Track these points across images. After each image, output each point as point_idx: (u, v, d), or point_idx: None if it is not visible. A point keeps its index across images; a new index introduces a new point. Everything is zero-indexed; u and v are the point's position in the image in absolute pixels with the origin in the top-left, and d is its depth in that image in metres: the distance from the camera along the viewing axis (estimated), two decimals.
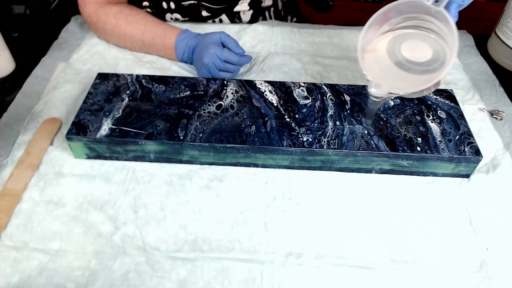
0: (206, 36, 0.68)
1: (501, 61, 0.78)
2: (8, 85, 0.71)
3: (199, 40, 0.69)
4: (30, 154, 0.57)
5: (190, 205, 0.53)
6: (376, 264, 0.48)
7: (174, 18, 0.82)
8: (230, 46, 0.67)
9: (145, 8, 0.81)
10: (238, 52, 0.67)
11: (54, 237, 0.49)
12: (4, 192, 0.53)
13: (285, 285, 0.47)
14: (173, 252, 0.49)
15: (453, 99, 0.62)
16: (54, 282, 0.46)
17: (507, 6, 0.74)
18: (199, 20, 0.83)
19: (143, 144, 0.55)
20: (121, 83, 0.62)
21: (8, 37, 0.72)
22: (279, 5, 0.91)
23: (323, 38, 0.80)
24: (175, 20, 0.82)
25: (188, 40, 0.70)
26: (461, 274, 0.48)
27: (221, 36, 0.67)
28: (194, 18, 0.83)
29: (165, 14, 0.81)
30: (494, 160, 0.59)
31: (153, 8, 0.81)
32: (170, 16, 0.82)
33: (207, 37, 0.67)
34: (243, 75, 0.72)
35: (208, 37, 0.67)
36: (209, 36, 0.67)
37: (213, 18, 0.83)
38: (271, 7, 0.89)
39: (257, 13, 0.86)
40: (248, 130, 0.56)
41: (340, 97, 0.61)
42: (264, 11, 0.88)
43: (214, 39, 0.67)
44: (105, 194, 0.54)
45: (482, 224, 0.52)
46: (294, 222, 0.52)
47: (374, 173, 0.57)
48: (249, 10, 0.84)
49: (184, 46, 0.70)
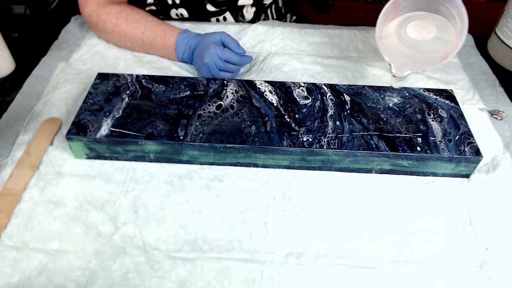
0: (207, 36, 0.68)
1: (501, 61, 0.78)
2: (8, 85, 0.71)
3: (199, 40, 0.69)
4: (30, 154, 0.57)
5: (190, 205, 0.53)
6: (376, 264, 0.48)
7: (180, 13, 0.82)
8: (231, 46, 0.66)
9: (150, 5, 0.81)
10: (239, 52, 0.67)
11: (54, 237, 0.49)
12: (4, 192, 0.53)
13: (285, 285, 0.47)
14: (173, 252, 0.49)
15: (453, 99, 0.62)
16: (54, 282, 0.46)
17: (507, 6, 0.74)
18: (204, 15, 0.83)
19: (143, 144, 0.55)
20: (121, 83, 0.62)
21: (8, 37, 0.72)
22: (279, 2, 0.92)
23: (323, 38, 0.80)
24: (180, 15, 0.82)
25: (188, 40, 0.70)
26: (461, 274, 0.48)
27: (222, 36, 0.67)
28: (198, 14, 0.83)
29: (170, 10, 0.81)
30: (494, 160, 0.59)
31: (157, 4, 0.80)
32: (175, 11, 0.81)
33: (208, 37, 0.67)
34: (243, 75, 0.72)
35: (208, 37, 0.67)
36: (210, 36, 0.67)
37: (217, 14, 0.83)
38: (272, 3, 0.89)
39: (260, 10, 0.86)
40: (248, 130, 0.56)
41: (340, 97, 0.61)
42: (266, 9, 0.88)
43: (214, 39, 0.67)
44: (105, 194, 0.54)
45: (482, 224, 0.52)
46: (294, 222, 0.52)
47: (374, 173, 0.57)
48: (252, 7, 0.84)
49: (184, 46, 0.70)
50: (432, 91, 0.63)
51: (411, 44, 0.56)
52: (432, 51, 0.55)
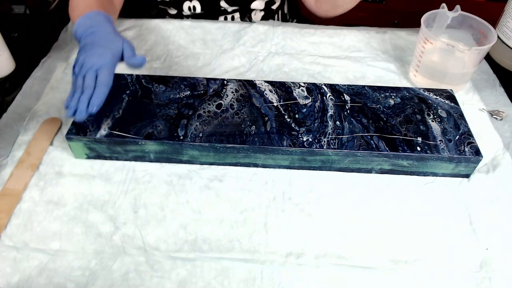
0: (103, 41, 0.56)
1: (501, 61, 0.78)
2: (8, 85, 0.71)
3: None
4: (30, 154, 0.57)
5: (190, 205, 0.53)
6: (376, 264, 0.48)
7: (192, 6, 0.81)
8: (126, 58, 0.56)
9: None
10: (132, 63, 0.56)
11: (54, 237, 0.49)
12: (4, 192, 0.53)
13: (285, 285, 0.47)
14: (173, 252, 0.49)
15: (453, 99, 0.62)
16: (54, 282, 0.46)
17: (507, 6, 0.74)
18: (216, 12, 0.83)
19: (143, 144, 0.55)
20: (121, 83, 0.62)
21: (8, 37, 0.72)
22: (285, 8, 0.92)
23: (323, 38, 0.80)
24: (193, 8, 0.82)
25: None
26: (461, 274, 0.48)
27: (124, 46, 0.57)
28: (211, 9, 0.82)
29: (183, 2, 0.81)
30: (494, 160, 0.59)
31: None
32: (189, 4, 0.81)
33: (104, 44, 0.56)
34: (243, 75, 0.72)
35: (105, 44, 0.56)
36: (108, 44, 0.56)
37: (228, 13, 0.83)
38: (278, 9, 0.89)
39: (268, 15, 0.87)
40: (248, 130, 0.56)
41: (340, 97, 0.61)
42: (274, 14, 0.89)
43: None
44: (105, 194, 0.54)
45: (482, 224, 0.52)
46: (294, 222, 0.52)
47: (374, 173, 0.57)
48: (261, 11, 0.85)
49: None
50: (432, 91, 0.63)
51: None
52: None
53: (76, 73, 0.54)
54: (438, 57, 0.69)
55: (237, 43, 0.78)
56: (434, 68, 0.67)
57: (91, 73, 0.53)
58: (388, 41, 0.81)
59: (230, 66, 0.74)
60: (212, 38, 0.79)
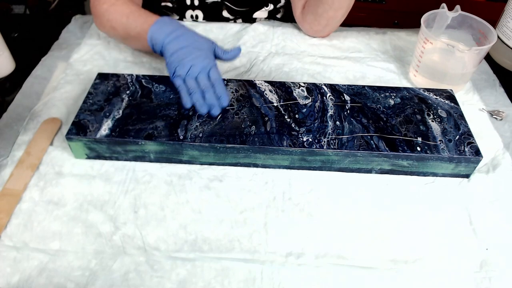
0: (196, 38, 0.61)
1: (501, 61, 0.78)
2: (8, 85, 0.71)
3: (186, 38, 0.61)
4: (30, 154, 0.57)
5: (190, 205, 0.53)
6: (376, 264, 0.48)
7: (195, 15, 0.82)
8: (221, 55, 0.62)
9: (165, 1, 0.80)
10: (226, 58, 0.63)
11: (54, 237, 0.49)
12: (4, 192, 0.53)
13: (285, 285, 0.47)
14: (173, 252, 0.49)
15: (453, 99, 0.62)
16: (54, 282, 0.46)
17: (507, 6, 0.74)
18: (218, 21, 0.83)
19: (143, 144, 0.55)
20: (121, 83, 0.62)
21: (8, 37, 0.72)
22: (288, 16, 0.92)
23: (323, 40, 0.80)
24: (195, 17, 0.83)
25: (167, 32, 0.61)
26: (461, 274, 0.48)
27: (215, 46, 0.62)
28: (214, 18, 0.83)
29: (186, 10, 0.81)
30: (494, 160, 0.59)
31: (174, 2, 0.80)
32: (191, 13, 0.81)
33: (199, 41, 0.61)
34: (243, 75, 0.72)
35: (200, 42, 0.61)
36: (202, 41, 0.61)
37: (231, 20, 0.84)
38: (282, 19, 0.89)
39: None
40: (248, 130, 0.56)
41: (340, 97, 0.61)
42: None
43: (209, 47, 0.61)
44: (105, 194, 0.54)
45: (482, 224, 0.52)
46: (294, 222, 0.52)
47: (374, 173, 0.57)
48: (265, 19, 0.85)
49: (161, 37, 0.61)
50: (432, 91, 0.63)
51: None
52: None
53: (183, 76, 0.58)
54: (438, 57, 0.69)
55: (237, 43, 0.78)
56: (434, 68, 0.67)
57: (204, 74, 0.59)
58: (388, 41, 0.81)
59: (230, 66, 0.74)
60: (213, 38, 0.79)
